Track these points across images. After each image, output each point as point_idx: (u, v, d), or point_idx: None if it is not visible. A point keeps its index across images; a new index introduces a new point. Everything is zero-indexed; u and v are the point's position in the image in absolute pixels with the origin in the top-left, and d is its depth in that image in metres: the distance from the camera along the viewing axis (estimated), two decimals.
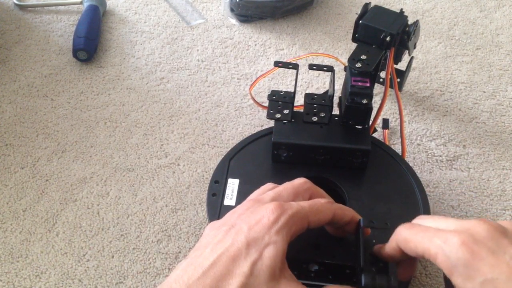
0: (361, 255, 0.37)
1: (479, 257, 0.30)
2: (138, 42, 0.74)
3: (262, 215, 0.36)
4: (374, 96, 0.63)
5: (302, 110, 0.52)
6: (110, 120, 0.63)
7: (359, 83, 0.48)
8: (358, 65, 0.49)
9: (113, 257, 0.50)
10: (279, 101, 0.52)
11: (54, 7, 0.80)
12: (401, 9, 0.53)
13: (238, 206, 0.39)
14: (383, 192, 0.49)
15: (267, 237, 0.34)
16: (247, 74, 0.70)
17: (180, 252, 0.51)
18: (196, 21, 0.78)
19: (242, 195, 0.48)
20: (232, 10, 0.77)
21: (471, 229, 0.32)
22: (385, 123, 0.61)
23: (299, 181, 0.41)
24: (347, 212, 0.40)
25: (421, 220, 0.37)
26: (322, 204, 0.38)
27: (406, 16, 0.52)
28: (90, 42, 0.70)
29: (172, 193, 0.55)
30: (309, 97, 0.53)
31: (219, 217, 0.46)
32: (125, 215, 0.53)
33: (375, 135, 0.58)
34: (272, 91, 0.53)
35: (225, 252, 0.34)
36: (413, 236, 0.35)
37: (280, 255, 0.34)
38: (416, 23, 0.53)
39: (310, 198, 0.41)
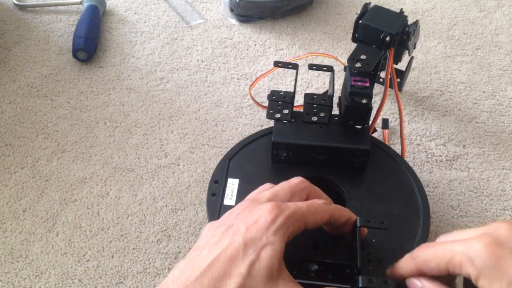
0: (358, 255, 0.37)
1: (502, 258, 0.30)
2: (138, 42, 0.74)
3: (259, 215, 0.35)
4: (374, 96, 0.63)
5: (301, 110, 0.52)
6: (110, 120, 0.63)
7: (359, 83, 0.48)
8: (358, 65, 0.49)
9: (113, 257, 0.50)
10: (278, 101, 0.52)
11: (54, 7, 0.80)
12: (401, 9, 0.53)
13: (236, 206, 0.39)
14: (383, 192, 0.49)
15: (264, 238, 0.34)
16: (247, 74, 0.70)
17: (180, 252, 0.51)
18: (196, 21, 0.78)
19: (242, 195, 0.48)
20: (232, 10, 0.77)
21: (492, 231, 0.32)
22: (385, 123, 0.61)
23: (296, 181, 0.41)
24: (344, 213, 0.40)
25: (445, 237, 0.36)
26: (319, 205, 0.38)
27: (406, 16, 0.52)
28: (90, 42, 0.70)
29: (172, 193, 0.55)
30: (309, 97, 0.53)
31: (218, 217, 0.46)
32: (125, 215, 0.53)
33: (375, 135, 0.58)
34: (272, 91, 0.53)
35: (223, 252, 0.34)
36: (432, 254, 0.34)
37: (277, 256, 0.34)
38: (416, 23, 0.53)
39: (307, 197, 0.41)
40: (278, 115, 0.51)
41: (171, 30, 0.76)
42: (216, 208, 0.47)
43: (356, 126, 0.51)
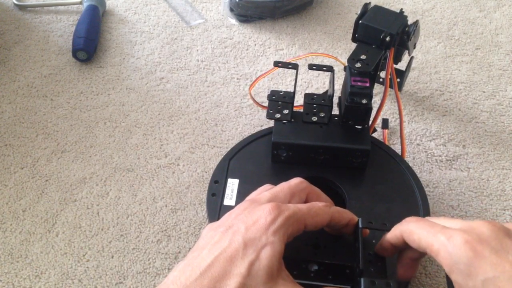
0: (360, 256, 0.37)
1: (481, 256, 0.31)
2: (138, 42, 0.74)
3: (259, 215, 0.36)
4: (374, 96, 0.63)
5: (301, 110, 0.52)
6: (110, 120, 0.63)
7: (359, 83, 0.48)
8: (358, 65, 0.49)
9: (113, 257, 0.50)
10: (278, 101, 0.52)
11: (53, 7, 0.80)
12: (401, 9, 0.53)
13: (235, 207, 0.39)
14: (383, 192, 0.49)
15: (264, 238, 0.34)
16: (247, 74, 0.70)
17: (179, 252, 0.51)
18: (195, 21, 0.78)
19: (241, 195, 0.48)
20: (231, 10, 0.77)
21: (476, 228, 0.33)
22: (385, 123, 0.61)
23: (295, 181, 0.41)
24: (345, 215, 0.40)
25: (429, 219, 0.37)
26: (319, 208, 0.38)
27: (406, 16, 0.52)
28: (90, 42, 0.70)
29: (172, 193, 0.55)
30: (309, 97, 0.53)
31: (218, 217, 0.46)
32: (125, 215, 0.53)
33: (374, 135, 0.58)
34: (272, 91, 0.53)
35: (223, 253, 0.34)
36: (418, 229, 0.35)
37: (277, 256, 0.34)
38: (416, 23, 0.53)
39: (307, 198, 0.41)
40: (278, 115, 0.51)
41: (171, 30, 0.76)
42: (216, 208, 0.47)
43: (356, 126, 0.51)
